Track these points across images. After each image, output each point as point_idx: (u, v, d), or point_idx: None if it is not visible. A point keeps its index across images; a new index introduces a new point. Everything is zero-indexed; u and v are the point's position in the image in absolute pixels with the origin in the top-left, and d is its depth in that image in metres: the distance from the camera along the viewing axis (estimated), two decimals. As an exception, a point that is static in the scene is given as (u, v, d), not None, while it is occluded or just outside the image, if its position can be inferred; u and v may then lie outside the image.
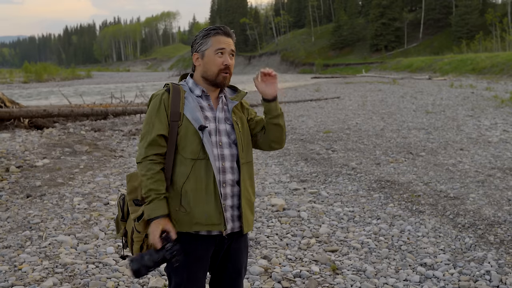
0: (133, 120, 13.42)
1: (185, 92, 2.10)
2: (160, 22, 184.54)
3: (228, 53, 2.08)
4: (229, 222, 2.06)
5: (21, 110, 11.45)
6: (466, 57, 41.60)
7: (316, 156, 8.20)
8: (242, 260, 2.19)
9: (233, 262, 2.16)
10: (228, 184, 2.05)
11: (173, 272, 2.06)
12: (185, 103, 2.06)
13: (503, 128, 10.70)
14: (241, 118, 2.17)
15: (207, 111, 2.08)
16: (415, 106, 15.99)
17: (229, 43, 2.09)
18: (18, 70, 71.33)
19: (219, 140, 2.05)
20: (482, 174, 6.63)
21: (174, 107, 2.03)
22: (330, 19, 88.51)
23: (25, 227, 4.61)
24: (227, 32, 2.10)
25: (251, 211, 2.15)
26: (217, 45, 2.06)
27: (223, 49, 2.06)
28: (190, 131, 2.01)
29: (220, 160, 2.04)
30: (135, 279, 1.91)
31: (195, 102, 2.07)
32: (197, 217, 1.99)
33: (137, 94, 18.84)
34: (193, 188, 1.99)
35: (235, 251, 2.15)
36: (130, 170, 7.23)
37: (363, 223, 4.81)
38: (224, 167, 2.04)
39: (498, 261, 3.80)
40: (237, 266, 2.17)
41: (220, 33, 2.08)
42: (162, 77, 60.86)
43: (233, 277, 2.18)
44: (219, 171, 2.02)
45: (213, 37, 2.07)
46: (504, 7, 61.24)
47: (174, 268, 2.02)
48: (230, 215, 2.06)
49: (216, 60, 2.06)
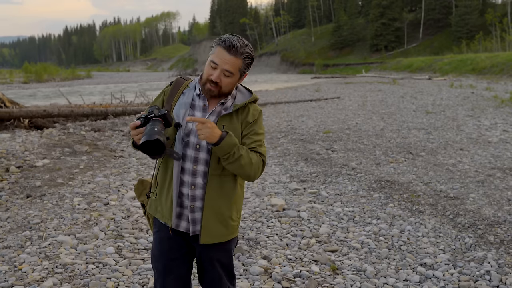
0: (133, 120, 13.42)
1: (188, 88, 2.12)
2: (160, 22, 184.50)
3: (220, 70, 1.98)
4: (197, 224, 2.09)
5: (21, 110, 11.45)
6: (466, 57, 41.60)
7: (316, 156, 8.20)
8: (219, 263, 2.18)
9: (211, 264, 2.18)
10: (199, 187, 2.06)
11: (154, 258, 2.20)
12: (179, 98, 2.10)
13: (503, 128, 10.70)
14: (235, 128, 2.05)
15: (197, 111, 2.07)
16: (415, 106, 15.99)
17: (226, 61, 1.97)
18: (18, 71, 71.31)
19: (197, 142, 2.04)
20: (482, 174, 6.63)
21: (169, 99, 2.12)
22: (330, 19, 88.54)
23: (25, 227, 4.61)
24: (229, 48, 1.97)
25: (223, 225, 2.10)
26: (213, 57, 2.00)
27: (216, 64, 1.99)
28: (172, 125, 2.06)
29: (192, 162, 2.04)
30: (154, 157, 1.89)
31: (189, 99, 2.09)
32: (159, 205, 2.14)
33: (137, 94, 18.84)
34: (161, 179, 2.13)
35: (211, 254, 2.16)
36: (130, 170, 7.23)
37: (363, 223, 4.81)
38: (195, 170, 2.05)
39: (498, 261, 3.80)
40: (215, 268, 2.18)
41: (223, 47, 1.98)
42: (162, 77, 60.84)
43: (214, 278, 2.21)
44: (189, 172, 2.05)
45: (217, 46, 2.02)
46: (504, 7, 61.24)
47: (154, 253, 2.20)
48: (192, 218, 2.09)
49: (207, 70, 2.03)
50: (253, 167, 2.02)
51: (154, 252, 2.20)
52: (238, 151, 1.97)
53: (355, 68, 59.05)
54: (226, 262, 2.21)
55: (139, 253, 4.06)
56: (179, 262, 2.17)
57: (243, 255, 3.97)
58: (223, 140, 1.93)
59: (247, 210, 5.23)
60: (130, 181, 6.51)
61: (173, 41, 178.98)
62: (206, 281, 2.22)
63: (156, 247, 2.20)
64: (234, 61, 1.98)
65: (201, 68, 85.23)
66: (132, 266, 3.75)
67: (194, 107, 2.08)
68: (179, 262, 2.17)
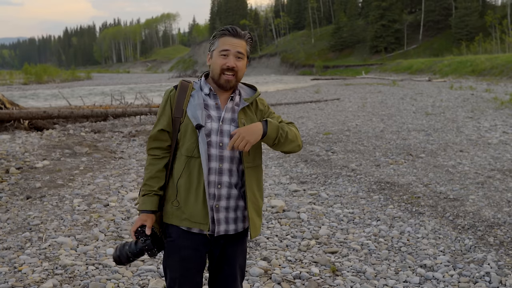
0: (133, 121, 13.43)
1: (194, 90, 2.11)
2: (160, 24, 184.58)
3: (233, 55, 2.03)
4: (222, 224, 2.05)
5: (21, 112, 11.45)
6: (465, 59, 41.63)
7: (316, 158, 8.20)
8: (237, 264, 2.18)
9: (228, 265, 2.16)
10: (224, 186, 2.04)
11: (168, 268, 2.11)
12: (189, 101, 2.08)
13: (502, 129, 10.71)
14: (252, 120, 2.10)
15: (212, 110, 2.07)
16: (415, 107, 16.00)
17: (235, 45, 2.03)
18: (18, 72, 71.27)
19: (220, 141, 2.03)
20: (482, 175, 6.64)
21: (178, 103, 2.08)
22: (330, 20, 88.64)
23: (25, 228, 4.61)
24: (235, 33, 2.04)
25: (259, 216, 2.13)
26: (222, 46, 2.04)
27: (227, 50, 2.02)
28: (190, 128, 2.03)
29: (218, 161, 2.02)
30: (119, 266, 2.09)
31: (201, 100, 2.07)
32: (186, 213, 2.04)
33: (137, 96, 18.85)
34: (185, 185, 2.04)
35: (230, 254, 2.14)
36: (130, 171, 7.23)
37: (363, 225, 4.81)
38: (221, 168, 2.03)
39: (498, 263, 3.80)
40: (232, 269, 2.16)
41: (227, 34, 2.04)
42: (162, 79, 60.89)
43: (228, 280, 2.18)
44: (215, 171, 2.02)
45: (220, 38, 2.06)
46: (504, 9, 61.31)
47: (169, 263, 2.09)
48: (224, 217, 2.05)
49: (220, 61, 2.04)
50: (298, 136, 2.13)
51: (170, 262, 2.10)
52: (283, 130, 2.05)
53: (355, 70, 59.09)
54: (243, 261, 2.22)
55: (139, 254, 4.06)
56: (195, 271, 2.11)
57: (243, 257, 3.97)
58: (267, 129, 2.00)
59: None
60: (130, 182, 6.51)
61: (173, 43, 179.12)
62: (220, 281, 2.18)
63: (172, 256, 2.09)
64: (242, 43, 2.06)
65: (201, 69, 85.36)
66: (132, 267, 3.75)
67: (208, 106, 2.08)
68: (195, 271, 2.11)
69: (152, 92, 31.27)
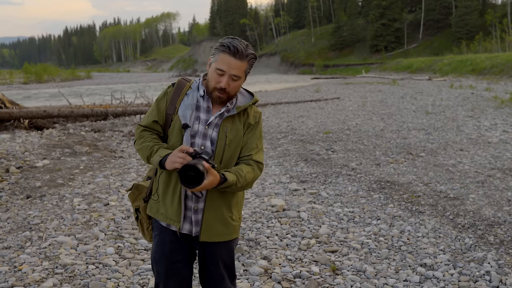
0: (133, 121, 13.42)
1: (190, 89, 2.14)
2: (160, 23, 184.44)
3: (228, 76, 2.00)
4: (187, 223, 2.11)
5: (21, 111, 11.45)
6: (466, 58, 41.60)
7: (316, 157, 8.20)
8: (222, 264, 2.19)
9: (214, 265, 2.18)
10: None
11: (155, 262, 2.17)
12: (183, 99, 2.11)
13: (503, 128, 10.70)
14: (237, 130, 2.10)
15: (202, 113, 2.09)
16: (415, 106, 16.00)
17: (233, 67, 1.99)
18: (18, 71, 71.26)
19: (202, 144, 2.06)
20: (482, 174, 6.64)
21: (172, 100, 2.12)
22: (330, 19, 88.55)
23: (25, 227, 4.61)
24: (235, 52, 1.98)
25: (223, 224, 2.12)
26: (219, 64, 2.01)
27: (223, 71, 2.00)
28: (177, 126, 2.08)
29: None
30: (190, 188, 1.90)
31: (194, 100, 2.10)
32: (163, 208, 2.13)
33: (137, 95, 18.84)
34: (164, 181, 2.11)
35: (213, 255, 2.17)
36: (130, 170, 7.23)
37: (363, 224, 4.81)
38: None
39: (498, 262, 3.80)
40: (218, 269, 2.19)
41: (228, 53, 1.99)
42: (162, 78, 60.85)
43: (216, 279, 2.21)
44: None
45: (221, 53, 2.01)
46: (504, 8, 61.25)
47: (155, 257, 2.18)
48: (195, 219, 2.10)
49: (215, 77, 2.04)
50: (249, 184, 2.09)
51: (155, 255, 2.18)
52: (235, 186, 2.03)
53: (355, 69, 59.04)
54: (229, 262, 2.23)
55: (139, 253, 4.06)
56: (180, 264, 2.16)
57: (243, 256, 3.97)
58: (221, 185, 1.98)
59: (247, 210, 5.23)
60: (130, 182, 6.51)
61: (173, 42, 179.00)
62: (208, 281, 2.22)
63: (157, 250, 2.18)
64: (240, 65, 2.01)
65: (201, 68, 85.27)
66: (132, 266, 3.75)
67: (199, 108, 2.10)
68: (180, 265, 2.16)
69: (152, 91, 31.24)
